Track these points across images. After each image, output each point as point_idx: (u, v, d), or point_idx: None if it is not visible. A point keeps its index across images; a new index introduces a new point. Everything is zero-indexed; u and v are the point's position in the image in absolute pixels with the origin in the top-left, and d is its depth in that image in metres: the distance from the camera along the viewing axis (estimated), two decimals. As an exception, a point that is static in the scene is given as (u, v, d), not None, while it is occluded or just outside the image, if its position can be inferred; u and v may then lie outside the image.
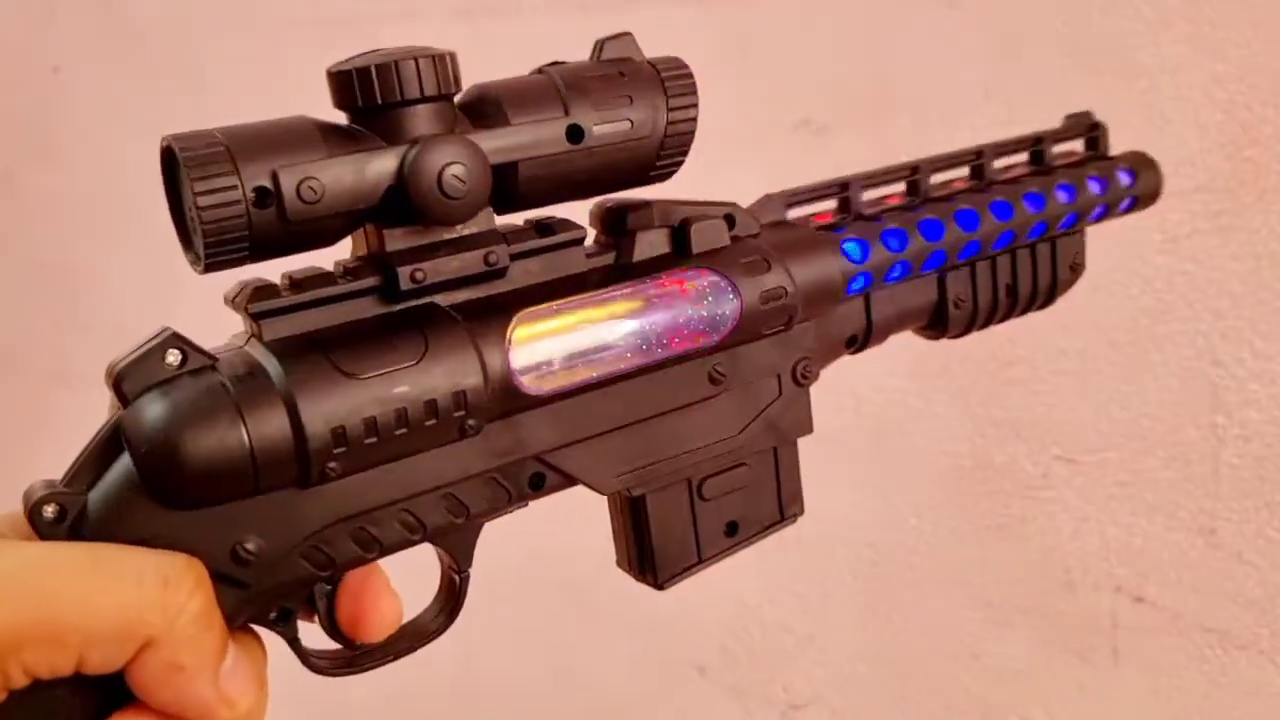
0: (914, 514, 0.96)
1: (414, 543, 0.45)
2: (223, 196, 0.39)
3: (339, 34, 1.14)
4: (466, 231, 0.45)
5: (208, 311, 0.47)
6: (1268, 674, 1.03)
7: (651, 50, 0.48)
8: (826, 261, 0.53)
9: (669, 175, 0.49)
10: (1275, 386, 0.99)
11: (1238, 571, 1.03)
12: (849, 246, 0.54)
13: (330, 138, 0.41)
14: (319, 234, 0.42)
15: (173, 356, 0.39)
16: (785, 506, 0.55)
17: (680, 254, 0.50)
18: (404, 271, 0.43)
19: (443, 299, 0.44)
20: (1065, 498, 1.07)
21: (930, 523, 1.05)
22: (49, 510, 0.38)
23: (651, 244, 0.49)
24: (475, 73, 0.47)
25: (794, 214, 0.56)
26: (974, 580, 1.11)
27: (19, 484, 0.39)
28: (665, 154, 0.47)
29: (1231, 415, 1.01)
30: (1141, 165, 0.65)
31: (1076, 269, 0.64)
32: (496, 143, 0.44)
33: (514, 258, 0.46)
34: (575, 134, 0.45)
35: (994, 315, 0.61)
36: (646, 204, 0.50)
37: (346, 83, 0.42)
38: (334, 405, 0.40)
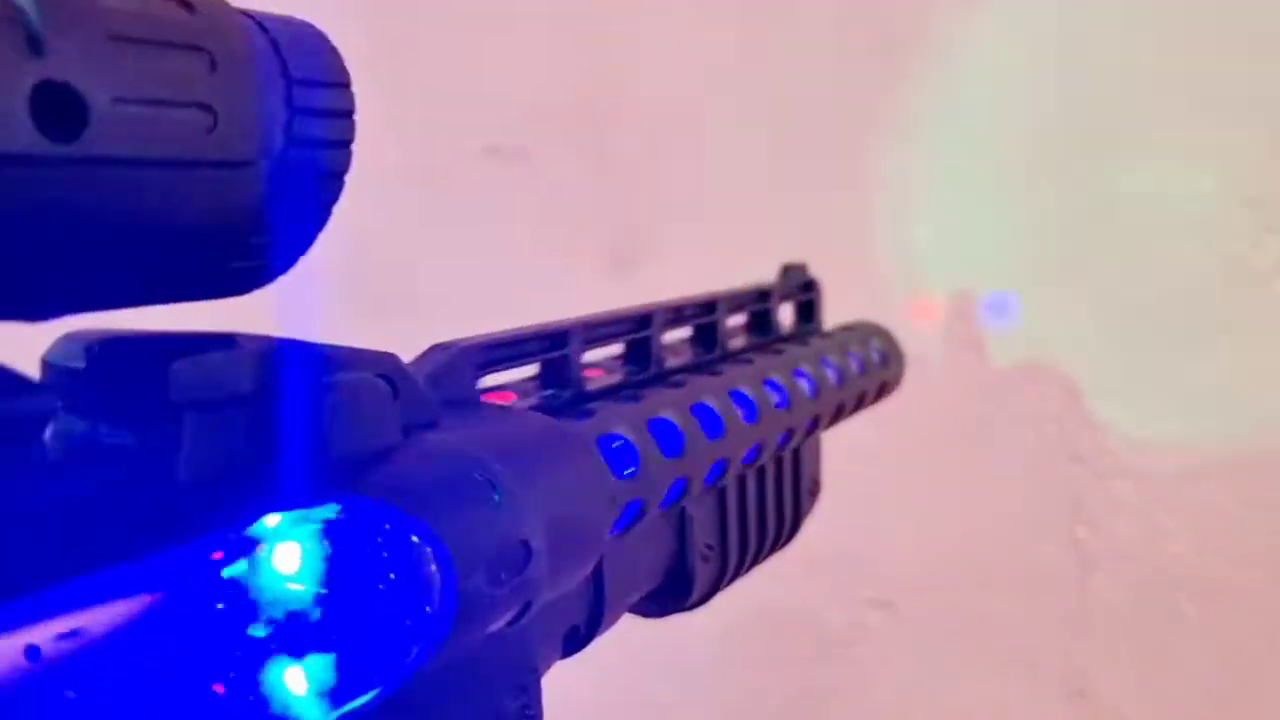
0: (673, 688, 0.85)
1: None
2: None
3: None
4: None
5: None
6: None
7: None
8: (589, 477, 0.33)
9: None
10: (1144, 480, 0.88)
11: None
12: (612, 444, 0.35)
13: None
14: None
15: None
16: None
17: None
18: None
19: None
20: (883, 654, 0.98)
21: (697, 698, 0.91)
22: None
23: None
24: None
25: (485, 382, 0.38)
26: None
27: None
28: None
29: (1096, 526, 0.91)
30: (888, 342, 0.54)
31: (816, 489, 0.52)
32: None
33: None
34: None
35: (744, 565, 0.47)
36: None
37: None
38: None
